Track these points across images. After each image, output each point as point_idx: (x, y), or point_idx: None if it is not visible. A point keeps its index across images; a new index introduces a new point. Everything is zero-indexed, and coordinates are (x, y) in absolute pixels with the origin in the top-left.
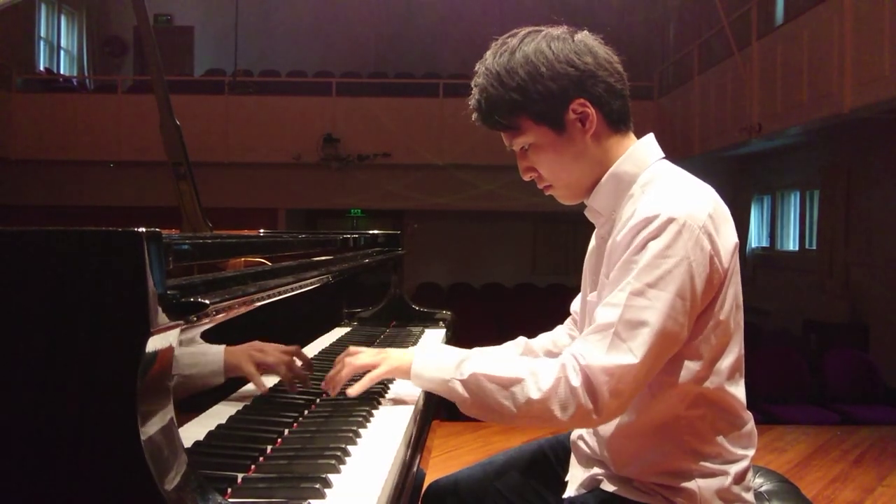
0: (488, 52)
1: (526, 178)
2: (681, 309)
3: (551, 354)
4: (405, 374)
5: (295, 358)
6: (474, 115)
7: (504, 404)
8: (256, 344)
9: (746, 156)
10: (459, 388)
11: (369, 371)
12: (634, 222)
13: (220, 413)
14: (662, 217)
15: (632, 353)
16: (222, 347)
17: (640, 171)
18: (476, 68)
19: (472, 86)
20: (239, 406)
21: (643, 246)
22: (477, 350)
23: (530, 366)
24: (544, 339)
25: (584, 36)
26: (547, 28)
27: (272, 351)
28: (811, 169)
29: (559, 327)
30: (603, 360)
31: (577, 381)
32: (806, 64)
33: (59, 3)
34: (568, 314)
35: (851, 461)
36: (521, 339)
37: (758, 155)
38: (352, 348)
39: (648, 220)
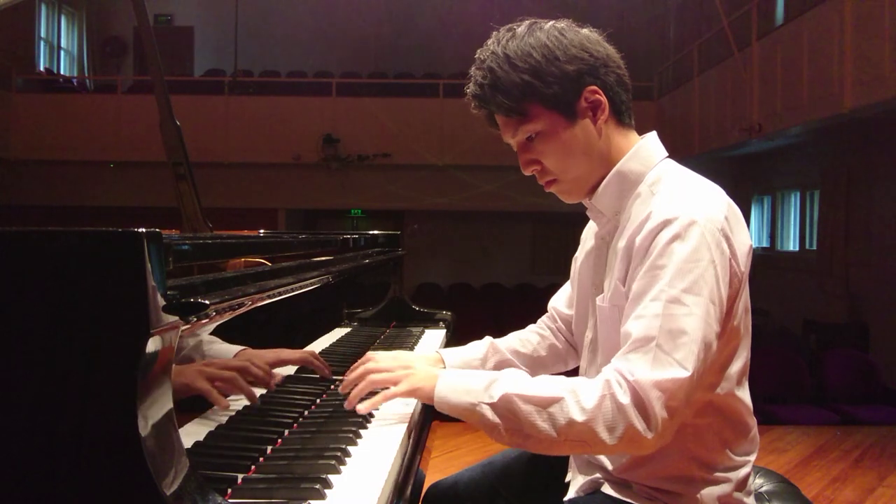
0: (489, 40)
1: (527, 171)
2: (714, 315)
3: (518, 355)
4: (427, 397)
5: (253, 366)
6: (474, 102)
7: (541, 428)
8: (206, 361)
9: (746, 156)
10: (489, 412)
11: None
12: (653, 224)
13: (220, 413)
14: (683, 219)
15: (680, 365)
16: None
17: (646, 170)
18: (477, 54)
19: (472, 72)
20: (239, 406)
21: (668, 249)
22: (509, 371)
23: (569, 384)
24: (511, 339)
25: (589, 29)
26: (551, 21)
27: (224, 363)
28: (811, 169)
29: (530, 326)
30: (652, 375)
31: (625, 398)
32: (806, 64)
33: (59, 3)
34: None
35: (851, 461)
36: (487, 339)
37: (758, 155)
38: (371, 356)
39: (668, 222)
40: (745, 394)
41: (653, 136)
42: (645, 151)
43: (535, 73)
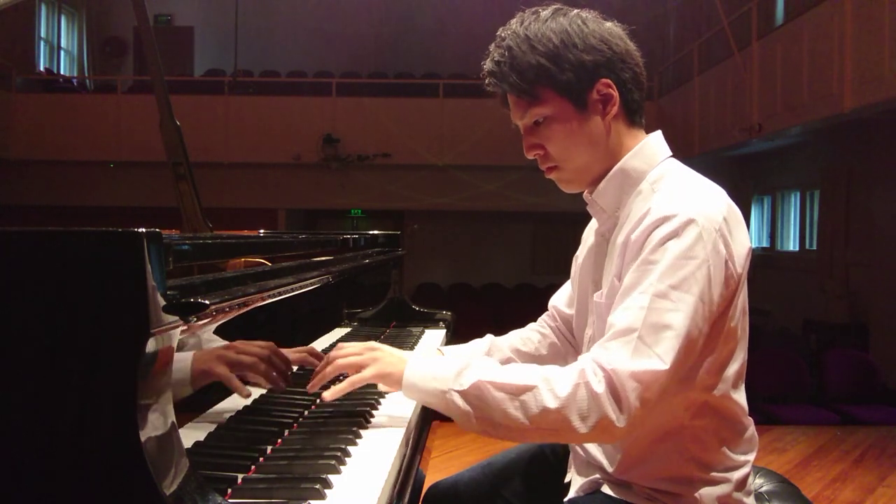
0: (513, 20)
1: (530, 155)
2: (702, 314)
3: (519, 353)
4: (395, 382)
5: (276, 356)
6: (489, 79)
7: (513, 416)
8: (228, 344)
9: (746, 156)
10: (459, 400)
11: (356, 371)
12: (650, 220)
13: (220, 413)
14: (681, 217)
15: (660, 358)
16: (190, 354)
17: (648, 169)
18: (499, 32)
19: (490, 49)
20: (239, 406)
21: (662, 246)
22: (480, 359)
23: (543, 372)
24: (512, 338)
25: (613, 23)
26: (576, 9)
27: (246, 348)
28: (811, 169)
29: (530, 325)
30: (630, 366)
31: (600, 387)
32: (806, 64)
33: (59, 3)
34: None
35: (851, 461)
36: (489, 337)
37: (758, 155)
38: (341, 344)
39: (666, 219)
40: (740, 396)
41: (657, 136)
42: (648, 150)
43: (552, 58)
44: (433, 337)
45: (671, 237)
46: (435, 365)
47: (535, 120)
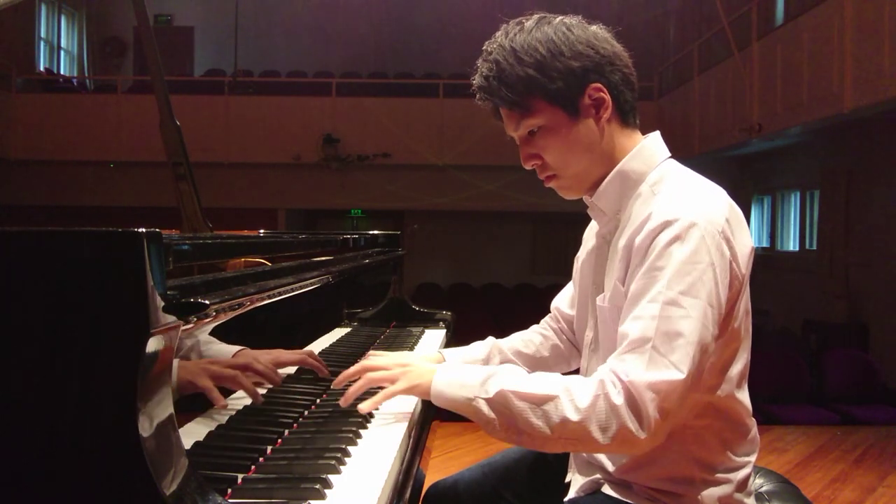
0: (498, 33)
1: (528, 165)
2: (711, 317)
3: (521, 355)
4: (424, 392)
5: (257, 362)
6: (479, 94)
7: (536, 425)
8: (211, 359)
9: (746, 156)
10: (485, 407)
11: (385, 385)
12: (653, 225)
13: (220, 413)
14: (683, 221)
15: (675, 367)
16: (175, 363)
17: (648, 170)
18: (485, 46)
19: (478, 63)
20: (239, 406)
21: (667, 251)
22: (506, 367)
23: (564, 382)
24: (514, 340)
25: (598, 27)
26: (560, 16)
27: (226, 362)
28: (811, 169)
29: (533, 327)
30: (647, 377)
31: (619, 398)
32: (806, 64)
33: (59, 3)
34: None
35: (851, 461)
36: (490, 339)
37: (758, 155)
38: (371, 358)
39: (668, 223)
40: (744, 396)
41: (656, 136)
42: (647, 151)
43: (540, 68)
44: (433, 337)
45: (675, 241)
46: (462, 373)
47: (530, 130)
